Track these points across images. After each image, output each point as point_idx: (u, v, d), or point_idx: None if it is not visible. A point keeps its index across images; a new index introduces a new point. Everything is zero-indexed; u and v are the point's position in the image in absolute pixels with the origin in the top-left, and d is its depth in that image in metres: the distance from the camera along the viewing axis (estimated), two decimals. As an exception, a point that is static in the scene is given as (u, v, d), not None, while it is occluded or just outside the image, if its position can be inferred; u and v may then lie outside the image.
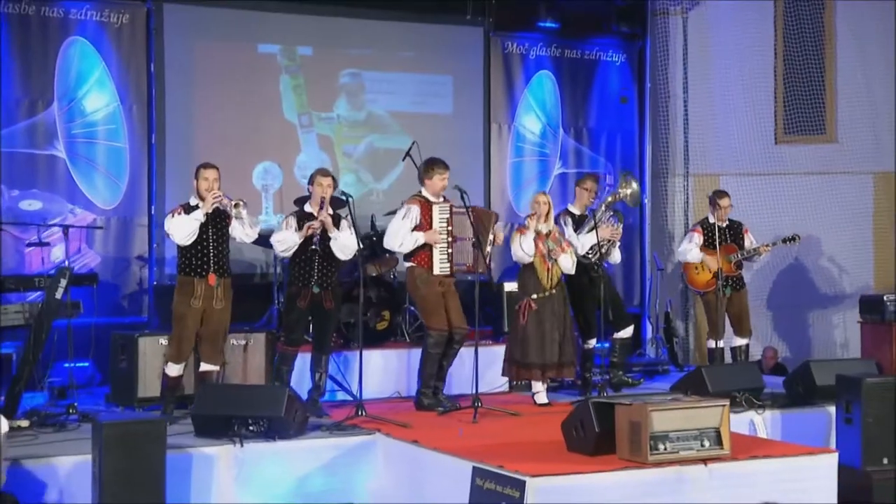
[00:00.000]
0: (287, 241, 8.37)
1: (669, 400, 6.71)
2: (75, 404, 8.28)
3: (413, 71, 11.37)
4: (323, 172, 8.62)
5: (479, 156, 11.56)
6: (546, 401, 8.87)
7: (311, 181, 8.58)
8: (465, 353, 9.46)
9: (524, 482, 6.07)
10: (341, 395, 9.07)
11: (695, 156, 12.59)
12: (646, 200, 12.25)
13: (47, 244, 8.71)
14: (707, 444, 6.50)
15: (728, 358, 10.20)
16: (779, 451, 6.95)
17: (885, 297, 9.68)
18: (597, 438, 6.64)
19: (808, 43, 12.60)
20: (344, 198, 8.44)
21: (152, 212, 10.26)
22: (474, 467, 6.50)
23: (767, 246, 10.23)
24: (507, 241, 9.27)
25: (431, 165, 8.76)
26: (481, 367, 9.02)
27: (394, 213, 8.95)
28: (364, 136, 11.15)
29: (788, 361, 11.99)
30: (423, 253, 8.67)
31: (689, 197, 12.57)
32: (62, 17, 10.03)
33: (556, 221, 9.64)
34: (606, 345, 9.86)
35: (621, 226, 9.66)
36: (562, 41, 11.96)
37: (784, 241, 10.49)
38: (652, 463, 6.33)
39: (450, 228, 8.68)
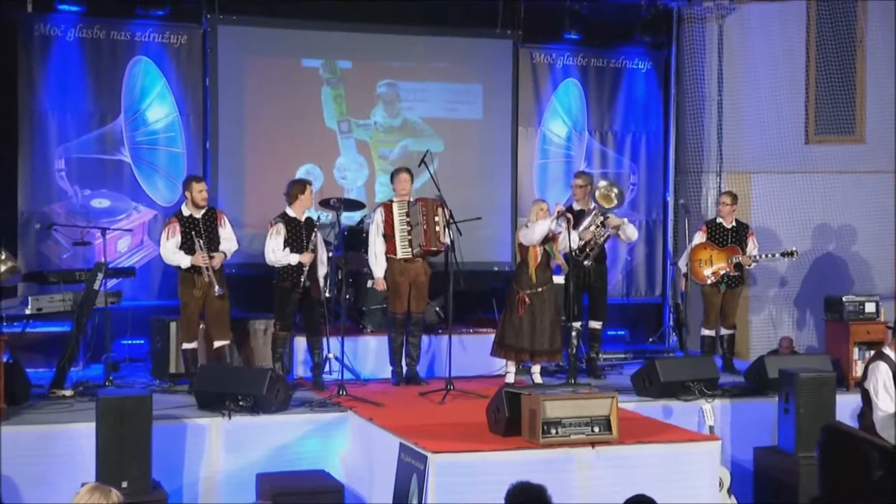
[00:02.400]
0: (282, 260, 9.68)
1: (569, 391, 7.74)
2: (112, 378, 9.80)
3: (445, 81, 12.41)
4: (309, 182, 10.01)
5: (506, 158, 12.56)
6: (513, 380, 9.98)
7: (301, 190, 9.81)
8: (468, 339, 10.76)
9: (426, 457, 7.22)
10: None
11: (728, 154, 13.30)
12: (668, 198, 13.10)
13: (89, 243, 10.22)
14: (597, 429, 7.51)
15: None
16: (664, 437, 7.89)
17: (843, 298, 10.39)
18: (507, 422, 7.73)
19: (840, 45, 13.05)
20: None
21: (206, 209, 11.67)
22: (400, 443, 7.69)
23: (748, 258, 11.02)
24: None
25: (396, 172, 10.24)
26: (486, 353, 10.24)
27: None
28: (399, 140, 12.28)
29: (814, 352, 12.66)
30: (389, 243, 10.00)
31: (721, 192, 13.28)
32: (128, 39, 11.45)
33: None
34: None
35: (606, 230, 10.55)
36: (588, 51, 12.80)
37: (783, 254, 11.28)
38: (543, 444, 7.39)
39: (408, 220, 9.96)
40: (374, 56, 12.22)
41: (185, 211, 9.72)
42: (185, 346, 9.74)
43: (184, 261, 9.63)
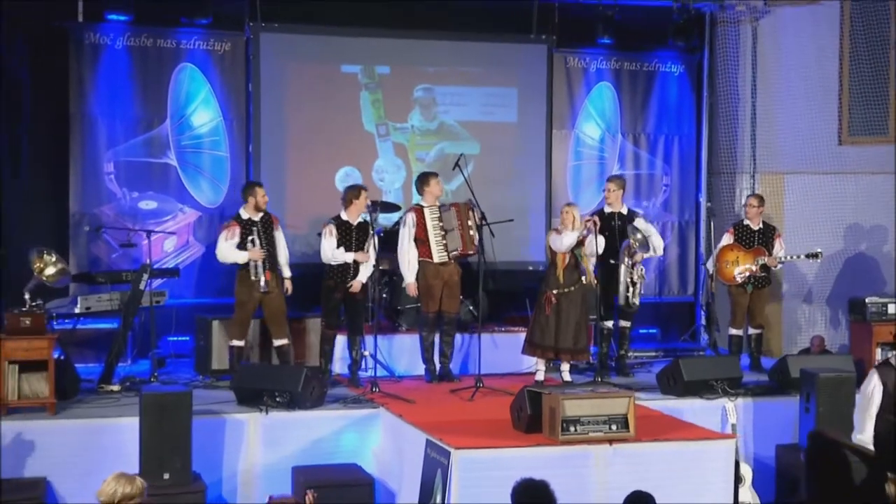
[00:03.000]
0: (338, 258, 10.15)
1: (588, 391, 8.06)
2: (157, 374, 10.24)
3: (481, 85, 12.68)
4: (364, 187, 10.44)
5: (541, 160, 12.83)
6: (542, 378, 10.30)
7: (355, 196, 10.23)
8: (500, 338, 11.11)
9: (449, 452, 7.57)
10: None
11: (761, 156, 13.51)
12: (701, 199, 13.34)
13: (135, 245, 10.72)
14: (614, 427, 7.82)
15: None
16: (681, 434, 8.17)
17: (866, 300, 10.60)
18: (529, 419, 8.06)
19: (874, 47, 13.17)
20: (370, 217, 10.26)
21: (249, 209, 12.06)
22: (426, 439, 8.04)
23: (774, 260, 11.29)
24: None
25: (428, 176, 10.57)
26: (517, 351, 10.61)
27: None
28: (435, 143, 12.59)
29: (845, 352, 12.84)
30: (423, 248, 10.36)
31: (754, 193, 13.47)
32: (174, 47, 11.85)
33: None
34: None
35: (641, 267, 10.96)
36: (621, 55, 13.02)
37: (808, 255, 11.51)
38: (562, 441, 7.72)
39: (441, 224, 10.30)
40: (411, 61, 12.55)
41: (244, 214, 10.17)
42: (235, 342, 10.17)
43: (241, 256, 10.07)
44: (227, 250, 10.08)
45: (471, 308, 11.40)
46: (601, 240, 10.55)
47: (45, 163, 11.62)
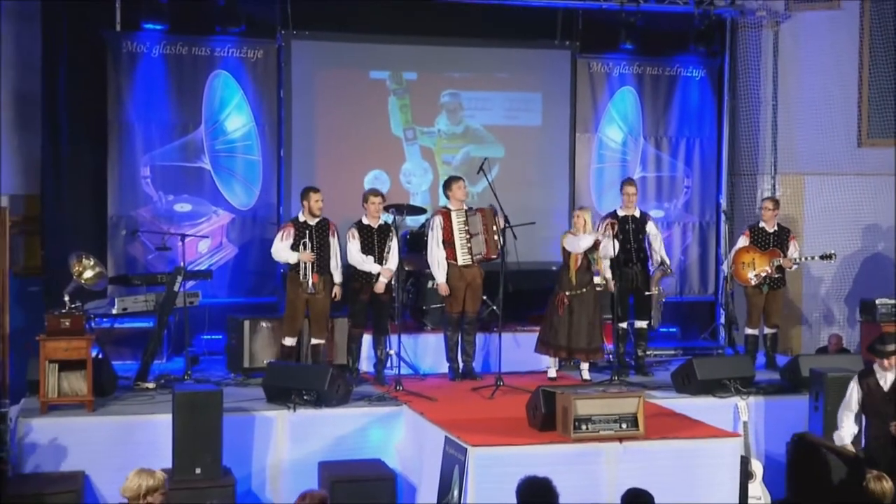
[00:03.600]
0: (364, 265, 10.54)
1: (600, 391, 8.40)
2: (191, 371, 10.66)
3: (506, 90, 13.03)
4: (374, 192, 10.77)
5: (564, 163, 13.16)
6: (555, 375, 10.76)
7: (364, 199, 10.61)
8: (521, 337, 11.46)
9: (466, 449, 7.93)
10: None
11: (782, 157, 13.77)
12: (721, 200, 13.61)
13: (170, 248, 11.15)
14: (625, 426, 8.15)
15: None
16: (688, 433, 8.48)
17: (876, 301, 10.84)
18: (543, 418, 8.41)
19: (893, 50, 13.45)
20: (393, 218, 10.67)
21: (280, 212, 12.37)
22: (445, 436, 8.41)
23: (789, 261, 11.54)
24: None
25: (451, 181, 10.92)
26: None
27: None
28: (461, 146, 12.93)
29: (861, 349, 13.12)
30: (449, 250, 10.71)
31: (774, 194, 13.74)
32: (209, 54, 12.25)
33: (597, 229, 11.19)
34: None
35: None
36: (643, 60, 13.30)
37: (822, 256, 11.76)
38: (574, 439, 8.06)
39: (467, 228, 10.65)
40: (438, 67, 12.89)
41: (301, 218, 10.57)
42: (287, 341, 10.54)
43: (292, 256, 10.44)
44: (281, 250, 10.48)
45: (495, 308, 11.73)
46: (616, 243, 10.87)
47: (85, 168, 12.09)
